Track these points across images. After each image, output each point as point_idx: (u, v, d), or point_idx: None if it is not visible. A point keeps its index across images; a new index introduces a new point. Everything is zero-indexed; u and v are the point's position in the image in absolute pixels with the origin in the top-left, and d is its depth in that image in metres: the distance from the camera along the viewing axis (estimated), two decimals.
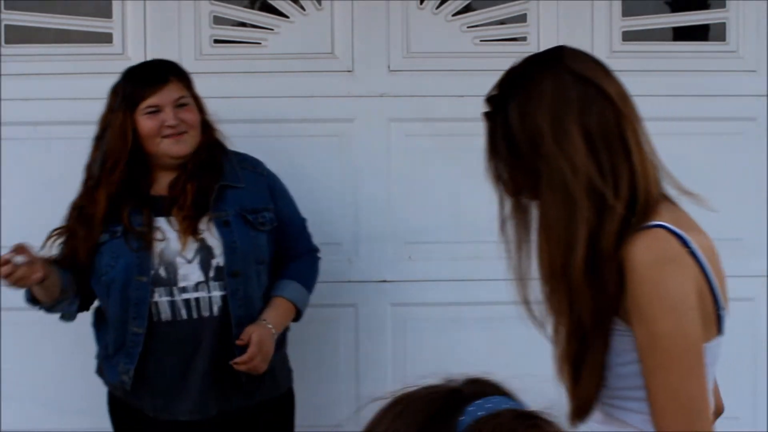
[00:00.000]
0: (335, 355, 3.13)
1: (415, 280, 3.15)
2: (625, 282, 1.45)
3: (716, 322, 1.50)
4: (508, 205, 1.57)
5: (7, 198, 3.07)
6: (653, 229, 1.45)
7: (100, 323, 2.66)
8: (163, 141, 2.53)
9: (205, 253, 2.52)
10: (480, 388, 0.95)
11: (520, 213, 1.56)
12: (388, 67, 3.15)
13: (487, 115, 1.58)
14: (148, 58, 3.08)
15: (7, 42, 3.09)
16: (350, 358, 3.14)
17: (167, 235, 2.53)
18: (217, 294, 2.51)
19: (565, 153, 1.47)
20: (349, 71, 3.14)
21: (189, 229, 2.51)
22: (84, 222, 2.53)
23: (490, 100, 1.58)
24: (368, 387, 3.13)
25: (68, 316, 2.64)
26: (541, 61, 1.56)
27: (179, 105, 2.56)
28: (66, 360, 3.08)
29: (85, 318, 3.06)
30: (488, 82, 1.82)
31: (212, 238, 2.53)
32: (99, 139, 2.57)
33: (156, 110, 2.53)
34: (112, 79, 3.08)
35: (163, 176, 2.59)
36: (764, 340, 3.20)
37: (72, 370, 3.08)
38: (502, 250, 1.57)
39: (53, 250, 2.56)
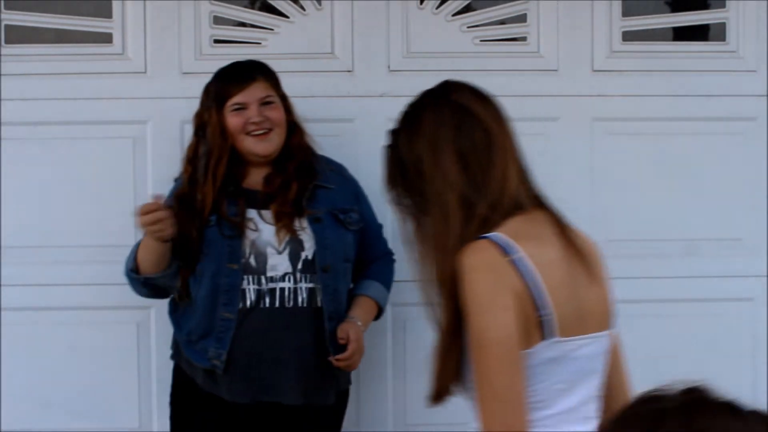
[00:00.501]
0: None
1: (414, 280, 3.14)
2: None
3: (539, 328, 1.61)
4: (409, 224, 1.78)
5: (7, 198, 3.07)
6: (479, 241, 1.63)
7: (179, 311, 2.71)
8: (247, 138, 2.62)
9: (295, 245, 2.61)
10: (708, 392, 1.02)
11: (419, 230, 1.76)
12: (388, 67, 3.15)
13: (386, 147, 1.78)
14: (148, 58, 3.09)
15: (7, 42, 3.09)
16: None
17: (260, 226, 2.61)
18: (303, 286, 2.60)
19: (441, 172, 1.68)
20: (349, 71, 3.14)
21: (287, 226, 2.60)
22: (195, 213, 2.60)
23: (390, 133, 1.79)
24: (368, 387, 3.13)
25: (174, 289, 2.68)
26: (427, 95, 1.78)
27: (265, 103, 2.64)
28: (66, 360, 3.08)
29: (83, 318, 3.07)
30: (488, 82, 1.83)
31: (304, 233, 2.62)
32: (199, 136, 2.66)
33: (242, 107, 2.62)
34: (112, 79, 3.10)
35: (253, 171, 2.67)
36: (764, 340, 3.20)
37: (72, 370, 3.08)
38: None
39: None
